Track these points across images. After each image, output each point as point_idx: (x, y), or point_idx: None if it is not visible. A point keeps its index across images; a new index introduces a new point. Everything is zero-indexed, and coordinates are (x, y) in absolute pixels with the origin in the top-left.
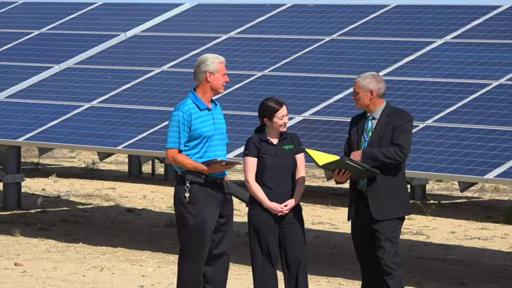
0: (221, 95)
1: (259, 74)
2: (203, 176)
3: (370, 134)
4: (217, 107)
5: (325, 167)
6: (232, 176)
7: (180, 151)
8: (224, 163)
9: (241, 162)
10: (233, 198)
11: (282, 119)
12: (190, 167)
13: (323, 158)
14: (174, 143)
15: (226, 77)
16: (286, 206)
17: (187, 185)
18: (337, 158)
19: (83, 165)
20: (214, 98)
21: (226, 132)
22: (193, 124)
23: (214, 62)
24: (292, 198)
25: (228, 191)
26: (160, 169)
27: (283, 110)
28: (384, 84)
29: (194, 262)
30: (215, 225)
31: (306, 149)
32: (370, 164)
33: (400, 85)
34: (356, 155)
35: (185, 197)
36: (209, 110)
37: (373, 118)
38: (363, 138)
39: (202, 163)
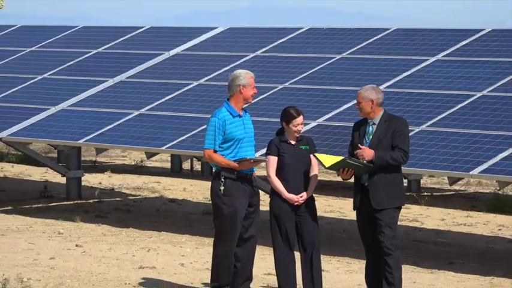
0: (248, 104)
1: (280, 86)
2: (235, 173)
3: (371, 137)
4: (247, 114)
5: (331, 168)
6: (259, 171)
7: (215, 151)
8: (252, 161)
9: (266, 160)
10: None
11: (296, 126)
12: (224, 165)
13: (329, 160)
14: (211, 144)
15: (255, 89)
16: (301, 197)
17: (222, 180)
18: (340, 158)
19: (133, 163)
20: (244, 106)
21: (254, 135)
22: (227, 129)
23: (246, 77)
24: (306, 190)
25: (255, 185)
26: (197, 166)
27: (299, 119)
28: (382, 95)
29: (227, 244)
30: (245, 213)
31: (315, 154)
32: (379, 163)
33: (398, 96)
34: (368, 154)
35: (220, 190)
36: (240, 116)
37: (373, 123)
38: (364, 141)
39: (234, 161)
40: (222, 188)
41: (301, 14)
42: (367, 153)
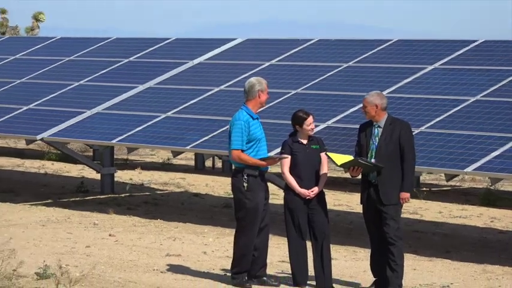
0: (264, 107)
1: (293, 92)
2: (257, 171)
3: (377, 139)
4: (259, 118)
5: (343, 166)
6: (274, 169)
7: (242, 151)
8: (277, 158)
9: (287, 157)
10: (272, 185)
11: (309, 125)
12: (251, 163)
13: (340, 158)
14: (238, 145)
15: (268, 95)
16: (312, 191)
17: (245, 177)
18: (351, 158)
19: (161, 161)
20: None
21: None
22: (251, 130)
23: (262, 83)
24: (317, 186)
25: (267, 179)
26: (218, 163)
27: (310, 119)
28: (386, 100)
29: (249, 235)
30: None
31: (327, 153)
32: (412, 187)
33: (400, 100)
34: (406, 196)
35: (244, 186)
36: (258, 119)
37: (379, 126)
38: (371, 142)
39: (260, 159)
40: (245, 184)
41: (312, 26)
42: (405, 196)
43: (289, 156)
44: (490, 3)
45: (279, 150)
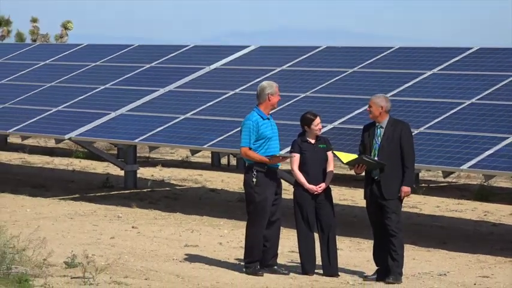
0: (276, 109)
1: (302, 95)
2: (265, 167)
3: (379, 138)
4: (271, 118)
5: (348, 163)
6: (284, 166)
7: (250, 148)
8: (281, 157)
9: (293, 156)
10: (283, 181)
11: (317, 126)
12: (257, 159)
13: (346, 157)
14: (246, 143)
15: (279, 97)
16: (320, 187)
17: (254, 172)
18: (356, 156)
19: (180, 159)
20: (272, 112)
21: (279, 135)
22: (260, 129)
23: (273, 86)
24: (324, 182)
25: (279, 177)
26: (233, 161)
27: (317, 120)
28: (390, 104)
29: (258, 226)
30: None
31: (334, 152)
32: (413, 182)
33: (401, 103)
34: (407, 190)
35: (253, 181)
36: (268, 119)
37: (381, 127)
38: (374, 141)
39: (266, 156)
40: (254, 179)
41: (320, 34)
42: (406, 190)
43: (297, 155)
44: (487, 14)
45: (289, 148)
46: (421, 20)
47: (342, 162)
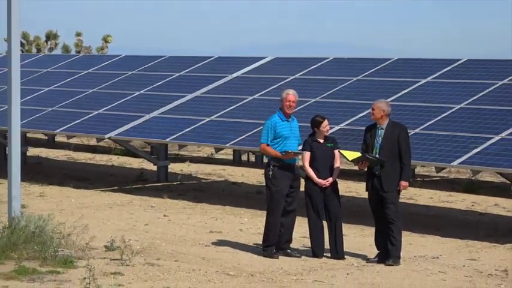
0: (291, 112)
1: (312, 100)
2: (280, 162)
3: (380, 138)
4: (294, 120)
5: (353, 161)
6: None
7: (267, 145)
8: (293, 153)
9: (303, 153)
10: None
11: (325, 127)
12: (273, 155)
13: (351, 155)
14: (264, 140)
15: (287, 102)
16: (328, 181)
17: (271, 167)
18: (360, 154)
19: (205, 155)
20: (291, 113)
21: (300, 135)
22: (277, 129)
23: (284, 93)
24: (331, 176)
25: (296, 173)
26: (252, 158)
27: (325, 122)
28: (391, 108)
29: (274, 214)
30: (287, 192)
31: (340, 150)
32: (409, 177)
33: (399, 107)
34: (405, 184)
35: (269, 174)
36: (287, 121)
37: (382, 128)
38: (375, 141)
39: (280, 152)
40: (270, 172)
41: (328, 47)
42: (404, 184)
43: (307, 153)
44: (479, 28)
45: (301, 147)
46: (417, 35)
47: (347, 160)
